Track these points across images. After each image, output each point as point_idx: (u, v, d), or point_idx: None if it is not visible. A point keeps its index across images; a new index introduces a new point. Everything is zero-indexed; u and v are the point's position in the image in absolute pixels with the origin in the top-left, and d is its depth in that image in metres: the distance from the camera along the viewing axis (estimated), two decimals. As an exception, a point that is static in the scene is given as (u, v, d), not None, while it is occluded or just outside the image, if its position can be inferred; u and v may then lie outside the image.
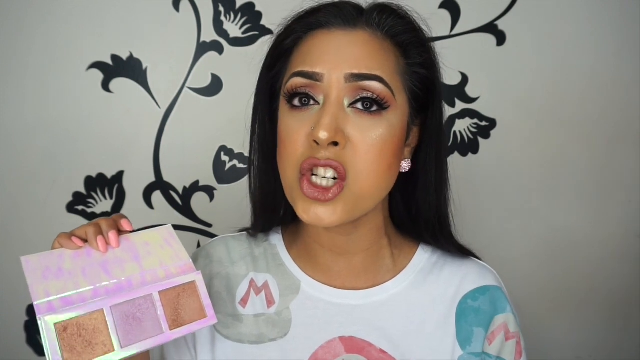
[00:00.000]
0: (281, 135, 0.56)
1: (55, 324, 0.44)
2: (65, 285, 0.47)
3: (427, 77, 0.57)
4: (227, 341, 0.61)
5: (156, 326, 0.49)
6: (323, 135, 0.50)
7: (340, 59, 0.52)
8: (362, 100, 0.52)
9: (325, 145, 0.51)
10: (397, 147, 0.55)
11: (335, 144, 0.51)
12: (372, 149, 0.52)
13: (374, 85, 0.52)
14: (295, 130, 0.54)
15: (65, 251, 0.50)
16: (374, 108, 0.53)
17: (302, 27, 0.56)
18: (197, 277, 0.54)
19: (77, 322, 0.45)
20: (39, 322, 0.44)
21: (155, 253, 0.54)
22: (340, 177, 0.52)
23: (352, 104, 0.53)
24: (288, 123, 0.55)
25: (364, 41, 0.53)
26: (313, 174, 0.53)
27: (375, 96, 0.52)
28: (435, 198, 0.60)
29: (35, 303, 0.45)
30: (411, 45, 0.56)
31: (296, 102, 0.54)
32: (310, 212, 0.53)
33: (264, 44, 0.61)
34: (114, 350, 0.46)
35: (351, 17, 0.54)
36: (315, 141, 0.51)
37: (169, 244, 0.56)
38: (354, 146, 0.52)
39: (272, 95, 0.60)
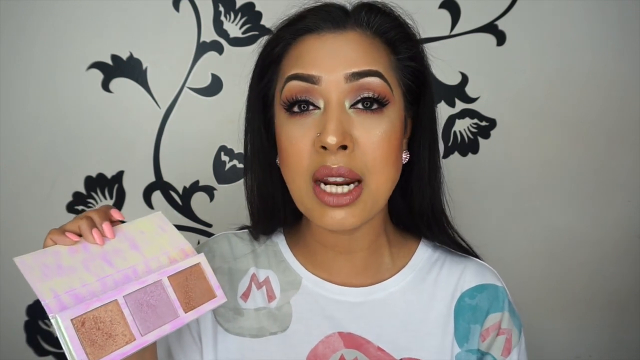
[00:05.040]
0: (283, 144, 0.55)
1: (72, 320, 0.43)
2: (70, 281, 0.45)
3: (417, 70, 0.58)
4: (228, 334, 0.62)
5: (171, 311, 0.49)
6: (332, 140, 0.50)
7: (336, 61, 0.52)
8: (363, 100, 0.53)
9: (335, 150, 0.51)
10: (399, 142, 0.56)
11: (344, 147, 0.52)
12: (379, 146, 0.53)
13: (374, 81, 0.52)
14: (299, 137, 0.53)
15: (61, 248, 0.48)
16: (375, 106, 0.53)
17: (290, 33, 0.56)
18: (202, 259, 0.54)
19: (93, 316, 0.44)
20: (53, 320, 0.42)
21: (153, 240, 0.53)
22: (357, 180, 0.53)
23: (353, 105, 0.53)
24: (289, 131, 0.54)
25: (356, 41, 0.54)
26: (322, 182, 0.53)
27: (376, 95, 0.53)
28: (429, 187, 0.61)
29: (44, 302, 0.43)
30: (399, 41, 0.57)
31: (295, 108, 0.54)
32: (329, 218, 0.53)
33: (261, 43, 0.61)
34: (135, 339, 0.45)
35: (340, 19, 0.54)
36: (323, 147, 0.51)
37: (164, 230, 0.55)
38: (361, 147, 0.52)
39: (264, 104, 0.60)
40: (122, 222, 0.54)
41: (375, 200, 0.55)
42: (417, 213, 0.63)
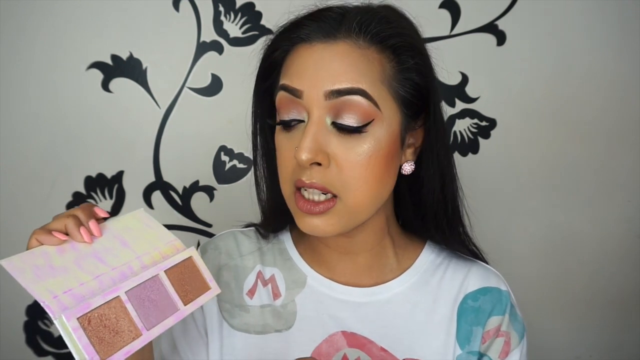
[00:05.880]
0: (277, 151, 0.57)
1: (78, 319, 0.42)
2: (66, 281, 0.45)
3: (418, 83, 0.54)
4: (233, 330, 0.62)
5: (171, 304, 0.50)
6: (303, 156, 0.50)
7: (319, 75, 0.51)
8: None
9: (307, 166, 0.51)
10: (386, 158, 0.53)
11: (319, 164, 0.52)
12: (357, 165, 0.52)
13: (356, 100, 0.51)
14: (286, 148, 0.55)
15: (48, 248, 0.47)
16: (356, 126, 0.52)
17: (286, 42, 0.55)
18: (194, 252, 0.55)
19: (98, 314, 0.44)
20: (57, 321, 0.42)
21: (141, 236, 0.53)
22: (331, 194, 0.53)
23: (334, 123, 0.52)
24: (280, 141, 0.56)
25: (344, 53, 0.51)
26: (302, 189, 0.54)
27: (356, 120, 0.51)
28: (442, 197, 0.60)
29: (44, 304, 0.42)
30: (400, 49, 0.53)
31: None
32: (306, 223, 0.54)
33: (264, 45, 0.60)
34: (141, 334, 0.46)
35: (331, 30, 0.52)
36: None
37: (149, 226, 0.55)
38: (338, 165, 0.52)
39: (271, 104, 0.60)
40: (106, 219, 0.54)
41: (354, 215, 0.54)
42: (432, 222, 0.62)
